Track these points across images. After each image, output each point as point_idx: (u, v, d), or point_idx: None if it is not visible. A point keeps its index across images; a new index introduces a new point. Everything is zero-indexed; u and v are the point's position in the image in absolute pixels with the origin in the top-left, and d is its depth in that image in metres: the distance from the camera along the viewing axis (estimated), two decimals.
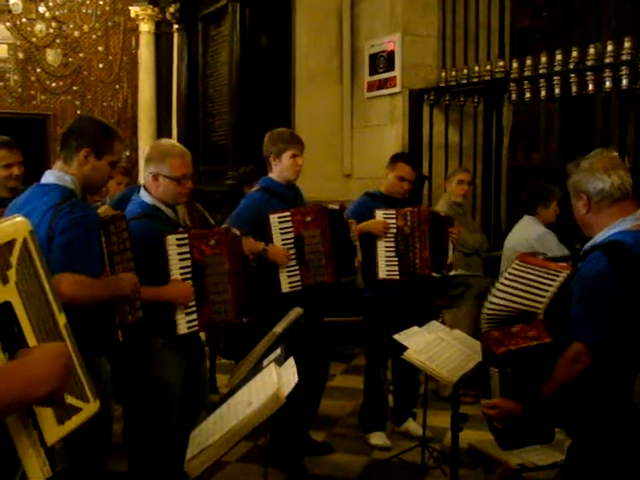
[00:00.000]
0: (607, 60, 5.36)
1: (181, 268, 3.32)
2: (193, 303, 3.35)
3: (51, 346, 1.42)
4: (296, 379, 2.34)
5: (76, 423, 1.52)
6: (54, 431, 1.44)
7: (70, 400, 1.50)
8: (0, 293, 1.35)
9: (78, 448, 2.73)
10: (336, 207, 4.40)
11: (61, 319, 1.56)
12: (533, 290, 2.63)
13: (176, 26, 9.47)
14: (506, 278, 2.68)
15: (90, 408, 1.58)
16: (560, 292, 2.61)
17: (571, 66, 5.61)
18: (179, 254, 3.31)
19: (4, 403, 1.27)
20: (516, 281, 2.65)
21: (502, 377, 2.65)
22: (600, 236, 2.68)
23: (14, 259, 1.39)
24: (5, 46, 9.96)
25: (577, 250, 2.99)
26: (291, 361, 2.54)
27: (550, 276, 2.65)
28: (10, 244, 1.40)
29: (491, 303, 2.65)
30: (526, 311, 2.63)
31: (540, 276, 2.65)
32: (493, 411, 2.69)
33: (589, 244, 2.73)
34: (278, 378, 2.33)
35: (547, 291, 2.63)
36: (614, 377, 2.60)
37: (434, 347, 3.45)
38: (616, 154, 2.92)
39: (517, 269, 2.70)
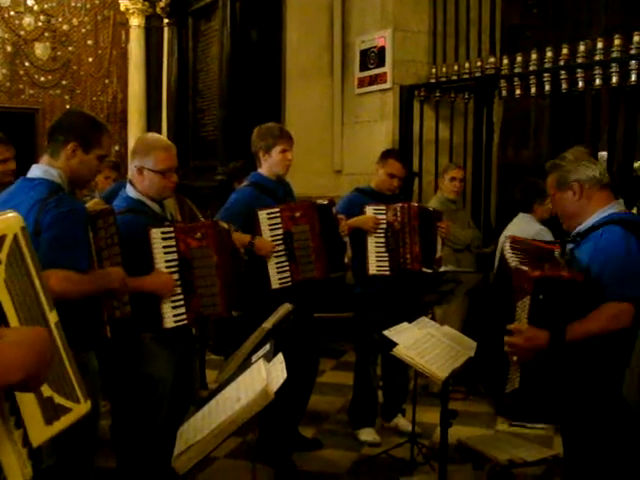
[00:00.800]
0: (597, 57, 5.36)
1: (166, 262, 3.31)
2: (181, 297, 3.33)
3: (27, 329, 1.36)
4: (285, 375, 2.34)
5: (65, 424, 1.48)
6: (42, 431, 1.40)
7: (59, 400, 1.47)
8: None
9: (65, 444, 2.71)
10: (325, 202, 4.39)
11: (52, 317, 1.52)
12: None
13: (166, 20, 9.43)
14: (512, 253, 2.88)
15: (80, 409, 1.54)
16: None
17: (561, 63, 5.62)
18: (164, 247, 3.29)
19: None
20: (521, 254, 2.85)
21: (533, 303, 2.64)
22: (594, 218, 2.83)
23: (4, 255, 1.36)
24: None
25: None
26: (280, 357, 2.53)
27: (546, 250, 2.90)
28: (0, 240, 1.36)
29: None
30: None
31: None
32: (517, 338, 2.65)
33: (583, 226, 2.86)
34: (267, 374, 2.32)
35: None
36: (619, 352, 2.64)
37: (424, 343, 3.45)
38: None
39: (515, 246, 2.93)
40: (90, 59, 10.53)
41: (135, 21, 10.28)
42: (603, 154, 5.44)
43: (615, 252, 2.69)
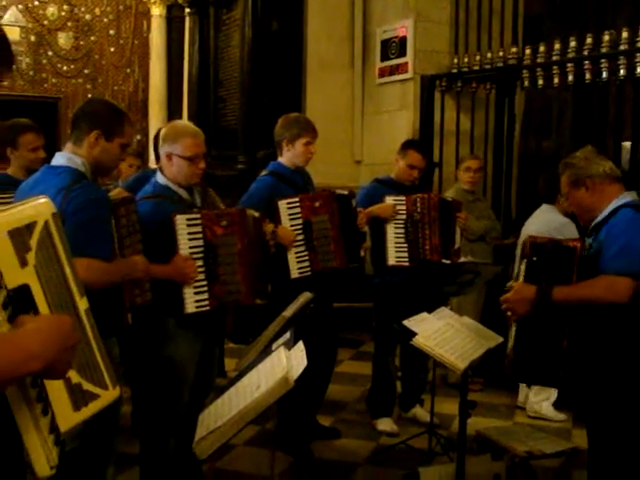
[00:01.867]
0: (622, 47, 5.30)
1: (191, 248, 3.32)
2: (204, 283, 3.35)
3: (49, 318, 1.35)
4: (305, 363, 2.34)
5: (93, 410, 1.48)
6: (70, 417, 1.41)
7: (87, 386, 1.47)
8: (18, 275, 1.31)
9: (88, 429, 2.74)
10: (345, 193, 4.39)
11: (82, 304, 1.52)
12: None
13: (188, 10, 9.45)
14: None
15: (108, 395, 1.55)
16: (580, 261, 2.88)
17: (585, 53, 5.56)
18: (189, 234, 3.31)
19: None
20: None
21: (527, 264, 2.96)
22: (609, 209, 2.96)
23: (34, 242, 1.36)
24: (17, 29, 9.94)
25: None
26: (300, 345, 2.53)
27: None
28: (30, 226, 1.36)
29: None
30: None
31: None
32: (511, 294, 2.92)
33: (599, 218, 2.98)
34: (287, 362, 2.33)
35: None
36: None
37: (443, 333, 3.44)
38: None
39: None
40: (112, 49, 10.59)
41: (157, 11, 10.31)
42: (627, 144, 5.38)
43: (623, 230, 2.82)
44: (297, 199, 4.19)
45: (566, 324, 2.84)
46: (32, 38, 10.11)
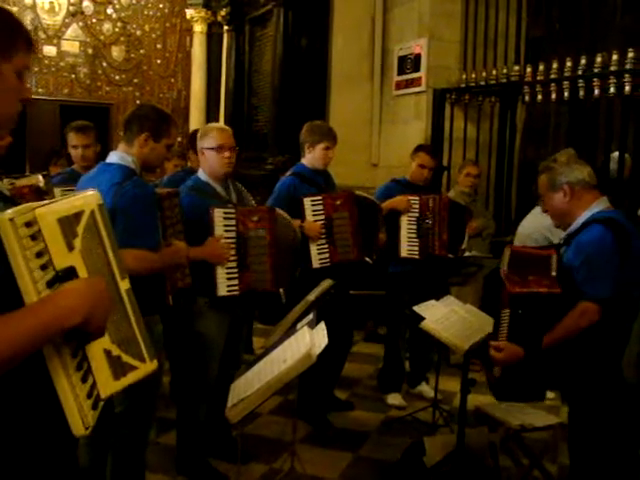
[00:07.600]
0: (612, 68, 5.26)
1: (226, 238, 3.35)
2: (235, 270, 3.37)
3: (84, 280, 1.36)
4: (326, 341, 2.35)
5: (131, 380, 1.48)
6: (110, 385, 1.42)
7: (126, 359, 1.47)
8: (66, 258, 1.33)
9: (133, 395, 2.77)
10: (363, 194, 4.39)
11: (123, 285, 1.52)
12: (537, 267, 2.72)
13: (226, 27, 9.48)
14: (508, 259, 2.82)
15: (146, 367, 1.54)
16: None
17: (579, 72, 5.52)
18: (225, 226, 3.34)
19: (38, 332, 1.22)
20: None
21: (512, 318, 2.64)
22: (582, 217, 2.77)
23: (80, 229, 1.38)
24: (77, 43, 10.03)
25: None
26: (322, 325, 2.55)
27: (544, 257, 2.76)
28: (78, 215, 1.38)
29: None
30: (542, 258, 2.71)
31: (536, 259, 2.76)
32: (498, 354, 2.67)
33: (572, 227, 2.80)
34: (310, 339, 2.34)
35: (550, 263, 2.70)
36: (615, 338, 2.64)
37: (448, 319, 3.43)
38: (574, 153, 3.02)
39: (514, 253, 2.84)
40: (158, 61, 10.64)
41: (198, 28, 10.34)
42: (615, 154, 5.33)
43: (591, 252, 2.63)
44: (320, 197, 4.19)
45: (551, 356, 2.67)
46: (89, 51, 10.18)
